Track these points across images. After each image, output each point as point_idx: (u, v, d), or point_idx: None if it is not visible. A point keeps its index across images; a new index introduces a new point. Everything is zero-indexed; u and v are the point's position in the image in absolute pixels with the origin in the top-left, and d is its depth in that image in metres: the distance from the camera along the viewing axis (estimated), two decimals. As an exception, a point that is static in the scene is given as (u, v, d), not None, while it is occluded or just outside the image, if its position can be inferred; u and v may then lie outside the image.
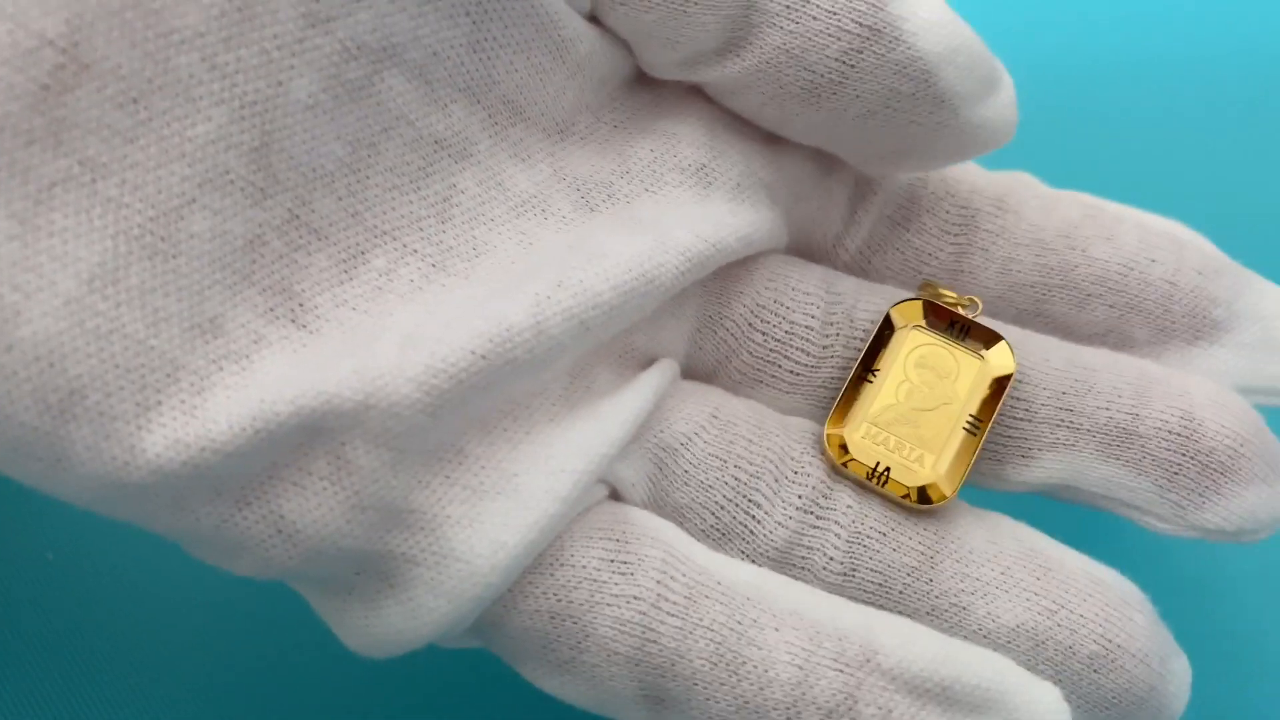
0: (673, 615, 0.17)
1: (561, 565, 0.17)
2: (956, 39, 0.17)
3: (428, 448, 0.16)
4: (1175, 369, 0.20)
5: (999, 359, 0.19)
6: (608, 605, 0.17)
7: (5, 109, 0.12)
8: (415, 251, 0.17)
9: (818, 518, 0.18)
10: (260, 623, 0.24)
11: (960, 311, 0.19)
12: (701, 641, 0.16)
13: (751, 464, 0.18)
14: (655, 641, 0.16)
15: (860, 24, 0.17)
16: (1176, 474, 0.19)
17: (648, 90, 0.19)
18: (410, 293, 0.16)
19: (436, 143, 0.17)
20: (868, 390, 0.19)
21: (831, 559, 0.18)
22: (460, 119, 0.17)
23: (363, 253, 0.16)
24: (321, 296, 0.16)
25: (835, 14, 0.17)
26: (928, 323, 0.19)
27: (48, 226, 0.13)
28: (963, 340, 0.19)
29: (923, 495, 0.18)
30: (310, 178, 0.15)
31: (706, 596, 0.17)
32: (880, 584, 0.18)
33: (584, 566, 0.17)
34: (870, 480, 0.18)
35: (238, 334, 0.15)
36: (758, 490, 0.18)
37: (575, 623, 0.17)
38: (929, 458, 0.18)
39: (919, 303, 0.19)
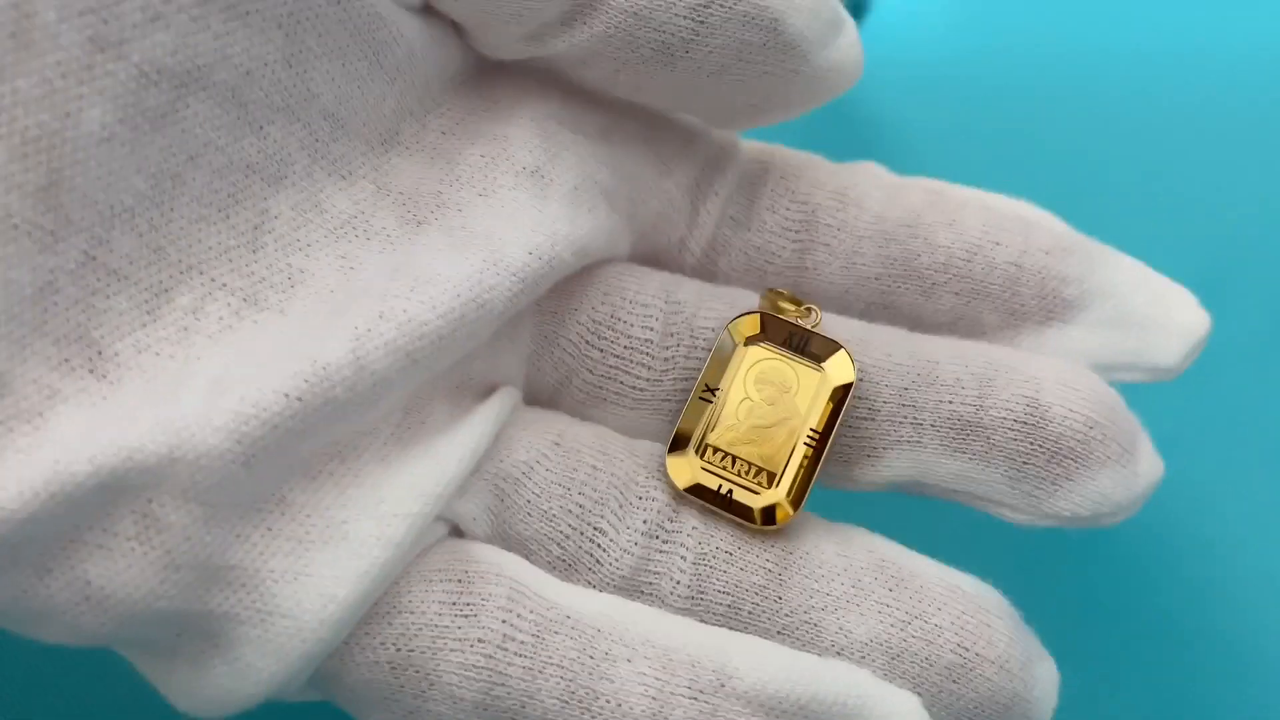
0: (520, 655, 0.16)
1: (400, 612, 0.16)
2: None
3: (244, 499, 0.15)
4: (1029, 352, 0.20)
5: (838, 369, 0.18)
6: (451, 651, 0.16)
7: None
8: (224, 286, 0.15)
9: (663, 542, 0.18)
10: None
11: (798, 323, 0.19)
12: (552, 680, 0.16)
13: (596, 490, 0.18)
14: (503, 684, 0.16)
15: None
16: (1025, 464, 0.18)
17: (477, 94, 0.19)
18: (220, 332, 0.15)
19: (247, 167, 0.16)
20: (708, 411, 0.18)
21: (678, 583, 0.17)
22: (276, 140, 0.16)
23: (166, 291, 0.15)
24: (122, 342, 0.15)
25: None
26: (766, 335, 0.19)
27: None
28: (802, 351, 0.19)
29: (767, 516, 0.18)
30: (107, 215, 0.14)
31: (555, 632, 0.16)
32: (730, 605, 0.17)
33: (424, 612, 0.16)
34: (714, 505, 0.18)
35: (27, 391, 0.14)
36: (602, 518, 0.18)
37: (418, 671, 0.16)
38: (771, 477, 0.18)
39: (756, 317, 0.19)
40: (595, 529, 0.18)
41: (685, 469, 0.18)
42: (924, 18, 0.34)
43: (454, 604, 0.16)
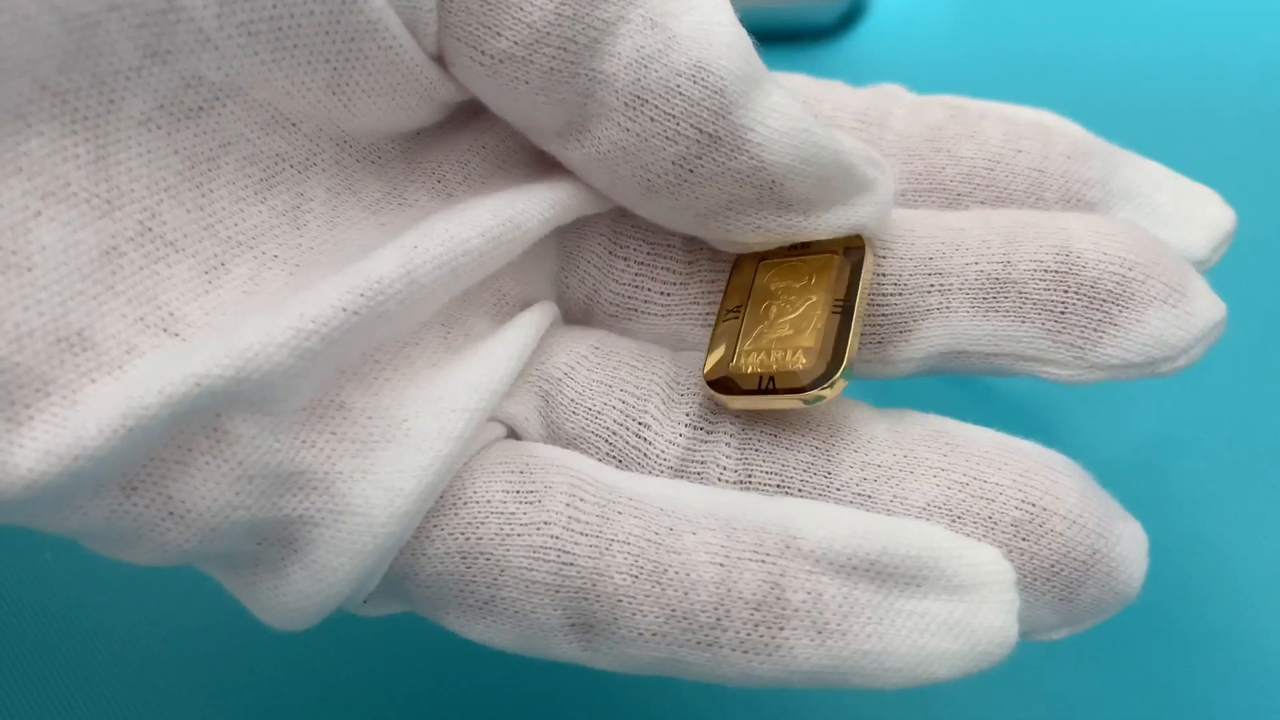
0: (586, 535, 0.16)
1: (466, 503, 0.17)
2: (809, 150, 0.17)
3: (307, 407, 0.16)
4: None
5: (848, 242, 0.18)
6: (519, 535, 0.16)
7: None
8: (276, 257, 0.17)
9: (707, 432, 0.18)
10: (263, 624, 0.24)
11: None
12: (619, 556, 0.16)
13: (638, 388, 0.18)
14: (572, 564, 0.16)
15: (700, 130, 0.16)
16: (1064, 314, 0.18)
17: None
18: (281, 298, 0.16)
19: (277, 156, 0.17)
20: (732, 326, 0.18)
21: (725, 469, 0.18)
22: (308, 135, 0.17)
23: (223, 264, 0.16)
24: (189, 306, 0.16)
25: (674, 117, 0.16)
26: (772, 251, 0.18)
27: None
28: (808, 248, 0.18)
29: (813, 383, 0.17)
30: (154, 190, 0.15)
31: (619, 512, 0.16)
32: (778, 485, 0.17)
33: (489, 501, 0.17)
34: (760, 393, 0.17)
35: (108, 345, 0.15)
36: (645, 412, 0.18)
37: (488, 558, 0.16)
38: (809, 353, 0.17)
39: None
40: (640, 423, 0.18)
41: (724, 378, 0.18)
42: (924, 18, 0.34)
43: (518, 492, 0.17)
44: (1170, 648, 0.24)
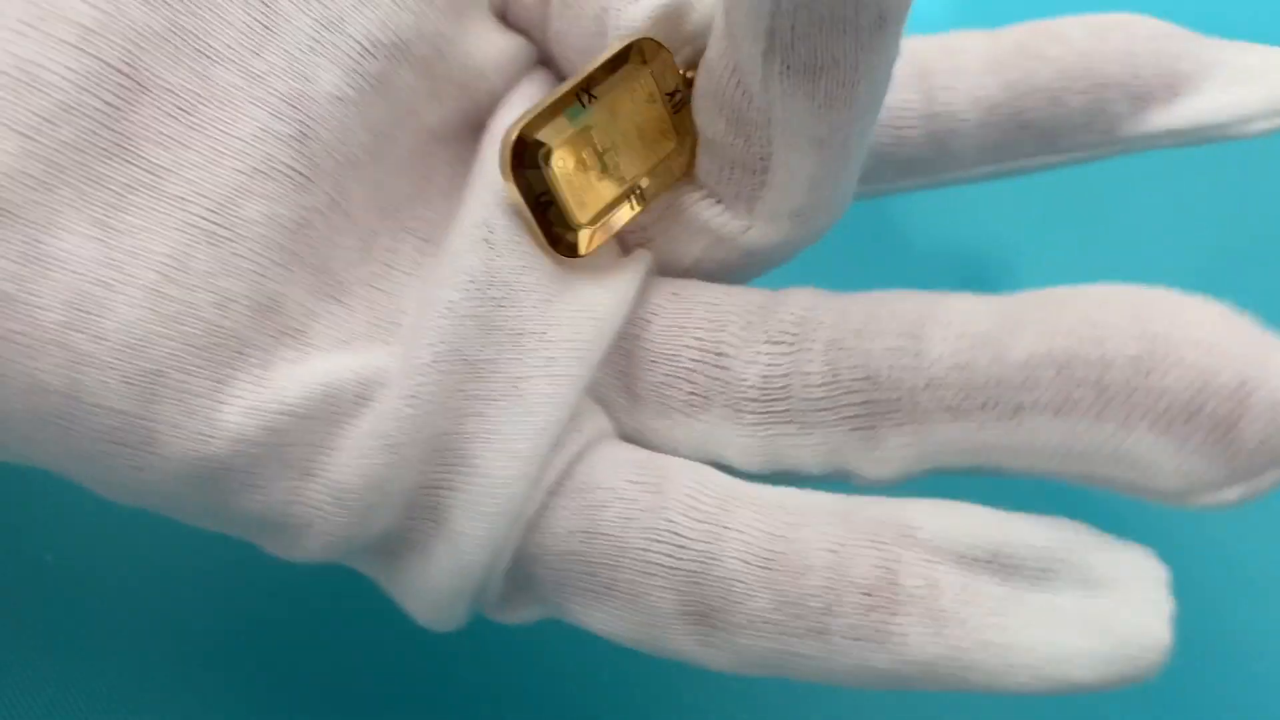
0: (702, 522, 0.17)
1: (590, 488, 0.17)
2: None
3: (437, 363, 0.17)
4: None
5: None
6: (638, 518, 0.17)
7: (85, 126, 0.14)
8: (408, 229, 0.18)
9: (789, 345, 0.18)
10: (263, 625, 0.24)
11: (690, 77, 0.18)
12: (734, 543, 0.16)
13: (714, 321, 0.18)
14: (686, 547, 0.16)
15: None
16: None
17: None
18: (411, 268, 0.18)
19: (429, 132, 0.18)
20: (578, 112, 0.17)
21: (809, 374, 0.17)
22: (451, 109, 0.18)
23: (375, 234, 0.17)
24: (349, 275, 0.17)
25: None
26: (656, 74, 0.18)
27: (123, 226, 0.15)
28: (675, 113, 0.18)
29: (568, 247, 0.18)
30: (344, 165, 0.16)
31: (737, 505, 0.17)
32: (865, 377, 0.17)
33: (612, 487, 0.17)
34: (530, 204, 0.17)
35: (294, 310, 0.16)
36: (722, 341, 0.18)
37: (609, 540, 0.17)
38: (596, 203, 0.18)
39: (665, 50, 0.18)
40: (717, 353, 0.18)
41: (541, 145, 0.17)
42: (924, 18, 0.34)
43: (640, 481, 0.17)
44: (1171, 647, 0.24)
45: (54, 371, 0.15)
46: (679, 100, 0.18)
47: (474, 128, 0.19)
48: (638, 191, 0.18)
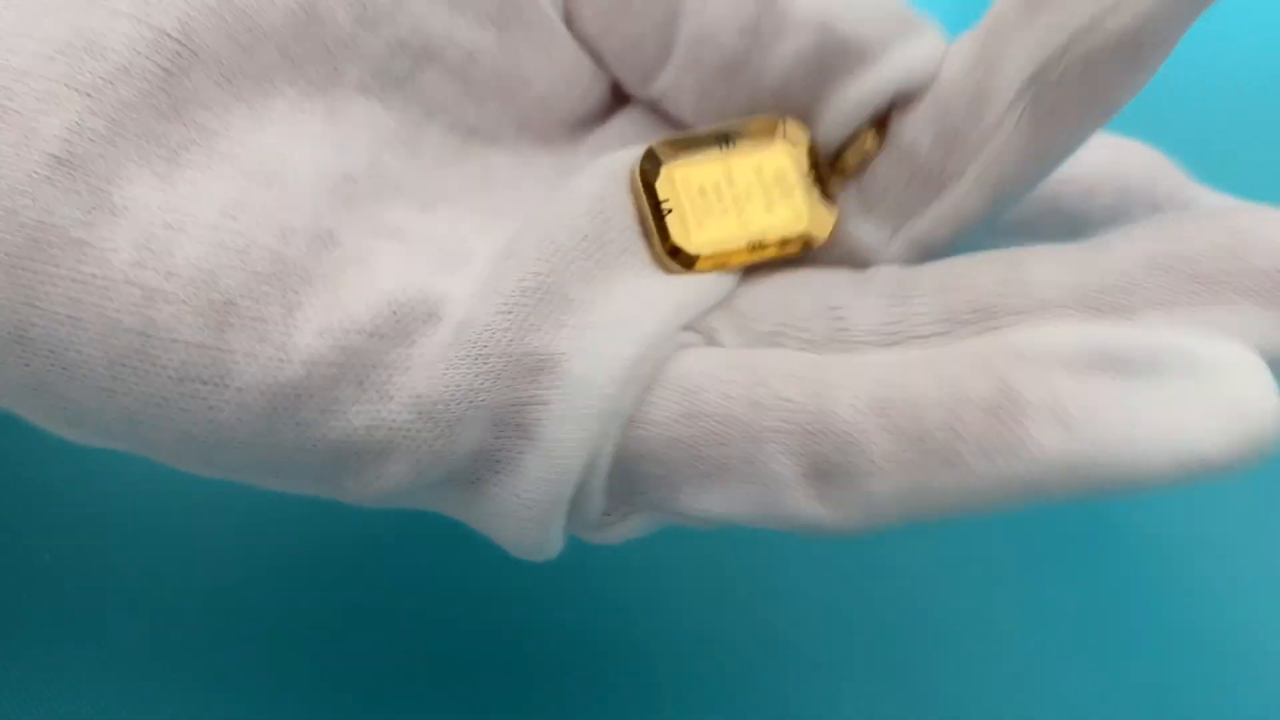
0: (805, 384, 0.17)
1: (683, 376, 0.17)
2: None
3: (532, 289, 0.17)
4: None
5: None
6: (739, 394, 0.17)
7: (143, 88, 0.15)
8: (471, 210, 0.19)
9: (903, 296, 0.18)
10: (264, 626, 0.24)
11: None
12: (843, 395, 0.16)
13: (824, 281, 0.18)
14: (796, 410, 0.16)
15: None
16: None
17: None
18: (473, 205, 0.18)
19: (469, 129, 0.19)
20: (714, 153, 0.19)
21: (922, 314, 0.18)
22: (493, 112, 0.19)
23: (434, 206, 0.18)
24: (411, 226, 0.18)
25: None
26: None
27: (181, 179, 0.16)
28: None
29: (675, 251, 0.18)
30: (375, 139, 0.17)
31: (834, 365, 0.17)
32: (976, 309, 0.17)
33: (704, 373, 0.17)
34: (649, 211, 0.18)
35: (353, 244, 0.17)
36: (832, 296, 0.18)
37: (712, 418, 0.17)
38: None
39: (809, 135, 0.19)
40: (830, 306, 0.18)
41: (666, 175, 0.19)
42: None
43: (733, 365, 0.17)
44: (1171, 648, 0.24)
45: (128, 310, 0.15)
46: (816, 179, 0.19)
47: (531, 132, 0.19)
48: (759, 243, 0.19)
